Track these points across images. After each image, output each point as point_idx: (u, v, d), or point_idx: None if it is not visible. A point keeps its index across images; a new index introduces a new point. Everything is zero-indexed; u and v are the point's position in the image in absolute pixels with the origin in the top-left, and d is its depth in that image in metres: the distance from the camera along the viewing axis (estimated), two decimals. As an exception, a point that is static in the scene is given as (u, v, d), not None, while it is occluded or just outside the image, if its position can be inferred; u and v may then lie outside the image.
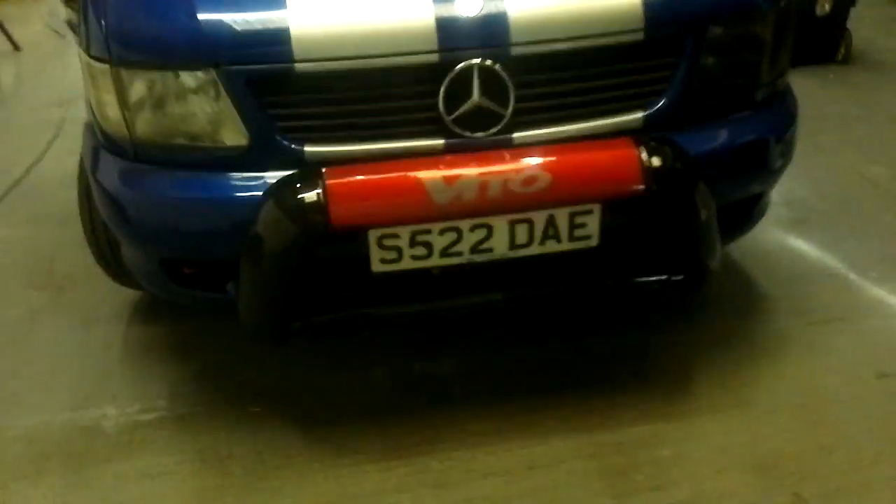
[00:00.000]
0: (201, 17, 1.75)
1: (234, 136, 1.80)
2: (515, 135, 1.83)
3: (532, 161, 1.76)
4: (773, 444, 2.00)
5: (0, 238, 3.07)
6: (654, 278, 2.02)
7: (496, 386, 2.23)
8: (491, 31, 1.77)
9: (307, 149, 1.80)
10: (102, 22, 1.82)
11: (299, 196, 1.71)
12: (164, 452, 2.06)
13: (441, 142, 1.82)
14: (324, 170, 1.73)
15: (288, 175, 1.76)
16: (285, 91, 1.77)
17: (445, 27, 1.75)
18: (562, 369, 2.29)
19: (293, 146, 1.79)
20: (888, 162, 3.32)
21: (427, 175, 1.71)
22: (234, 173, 1.83)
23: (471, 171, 1.72)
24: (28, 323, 2.57)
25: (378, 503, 1.89)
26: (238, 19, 1.75)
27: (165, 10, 1.81)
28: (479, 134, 1.81)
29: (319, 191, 1.69)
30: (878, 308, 2.48)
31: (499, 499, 1.89)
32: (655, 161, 1.78)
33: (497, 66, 1.76)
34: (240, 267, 1.82)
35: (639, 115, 1.89)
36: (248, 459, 2.02)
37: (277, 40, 1.72)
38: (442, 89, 1.76)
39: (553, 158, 1.77)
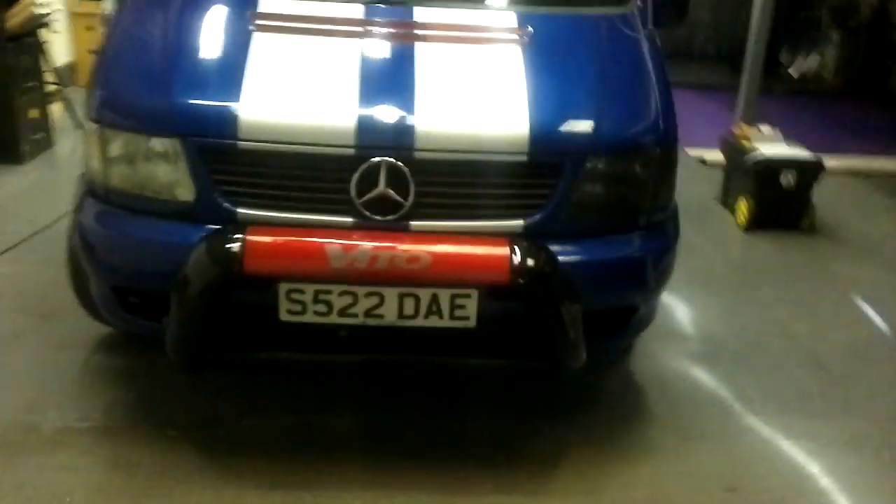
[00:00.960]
0: (174, 98, 2.22)
1: (185, 192, 2.23)
2: (412, 223, 2.22)
3: (418, 244, 2.13)
4: (609, 528, 2.24)
5: (10, 272, 3.53)
6: (519, 362, 2.34)
7: (380, 443, 2.53)
8: (400, 137, 2.19)
9: (240, 210, 2.21)
10: (98, 92, 2.32)
11: (223, 245, 2.11)
12: (85, 454, 2.39)
13: (350, 220, 2.21)
14: (248, 227, 2.14)
15: (219, 228, 2.17)
16: (228, 162, 2.20)
17: (363, 129, 2.18)
18: (443, 438, 2.58)
19: (229, 206, 2.21)
20: (813, 320, 3.58)
21: (328, 243, 2.10)
22: (180, 222, 2.25)
23: (365, 244, 2.11)
24: (10, 339, 2.98)
25: (249, 521, 2.18)
26: (201, 103, 2.22)
27: (147, 87, 2.29)
28: (382, 218, 2.20)
29: (240, 243, 2.09)
30: (748, 433, 2.70)
31: (353, 534, 2.16)
32: (523, 260, 2.14)
33: (402, 165, 2.17)
34: (170, 299, 2.20)
35: (519, 222, 2.27)
36: (152, 470, 2.34)
37: (228, 122, 2.17)
38: (354, 178, 2.18)
39: (436, 244, 2.15)
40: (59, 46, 6.61)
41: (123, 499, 2.22)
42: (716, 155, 5.57)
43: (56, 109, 5.74)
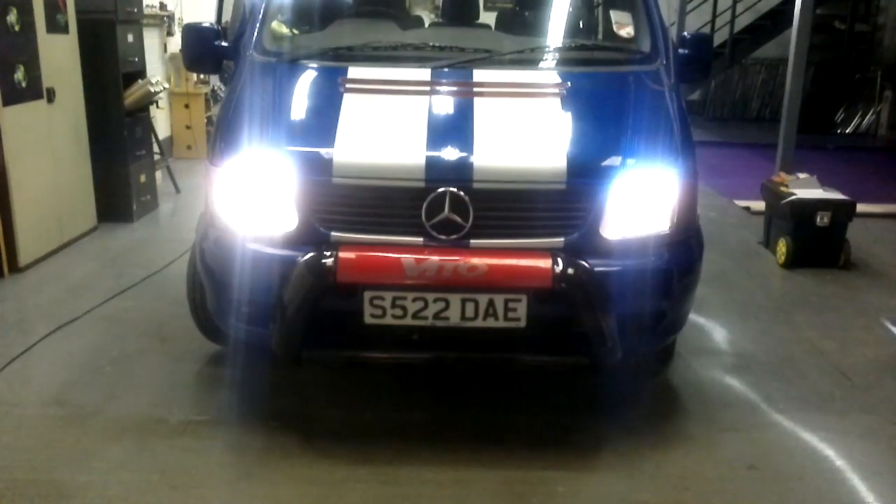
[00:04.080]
0: (285, 146, 2.79)
1: (289, 221, 2.77)
2: (472, 241, 2.71)
3: (476, 257, 2.62)
4: (643, 497, 2.63)
5: (132, 306, 4.14)
6: (563, 358, 2.77)
7: (446, 433, 2.98)
8: (461, 172, 2.70)
9: (333, 233, 2.73)
10: (219, 143, 2.90)
11: (320, 261, 2.63)
12: (204, 438, 2.90)
13: (421, 239, 2.71)
14: (339, 247, 2.66)
15: (316, 248, 2.69)
16: (324, 195, 2.74)
17: (431, 166, 2.70)
18: (500, 428, 3.02)
19: (324, 230, 2.74)
20: (841, 339, 3.91)
21: (404, 257, 2.61)
22: (285, 245, 2.78)
23: (433, 257, 2.61)
24: (136, 356, 3.55)
25: (341, 487, 2.64)
26: (304, 150, 2.77)
27: (259, 138, 2.87)
28: (447, 237, 2.70)
29: (333, 259, 2.61)
30: (771, 426, 3.07)
31: (427, 496, 2.60)
32: (564, 269, 2.61)
33: (462, 194, 2.68)
34: (276, 306, 2.72)
35: (560, 239, 2.73)
36: (260, 451, 2.83)
37: (325, 164, 2.71)
38: (424, 205, 2.68)
39: (491, 257, 2.63)
40: (162, 122, 7.45)
41: (237, 470, 2.72)
42: (760, 205, 5.94)
43: (158, 176, 6.49)
